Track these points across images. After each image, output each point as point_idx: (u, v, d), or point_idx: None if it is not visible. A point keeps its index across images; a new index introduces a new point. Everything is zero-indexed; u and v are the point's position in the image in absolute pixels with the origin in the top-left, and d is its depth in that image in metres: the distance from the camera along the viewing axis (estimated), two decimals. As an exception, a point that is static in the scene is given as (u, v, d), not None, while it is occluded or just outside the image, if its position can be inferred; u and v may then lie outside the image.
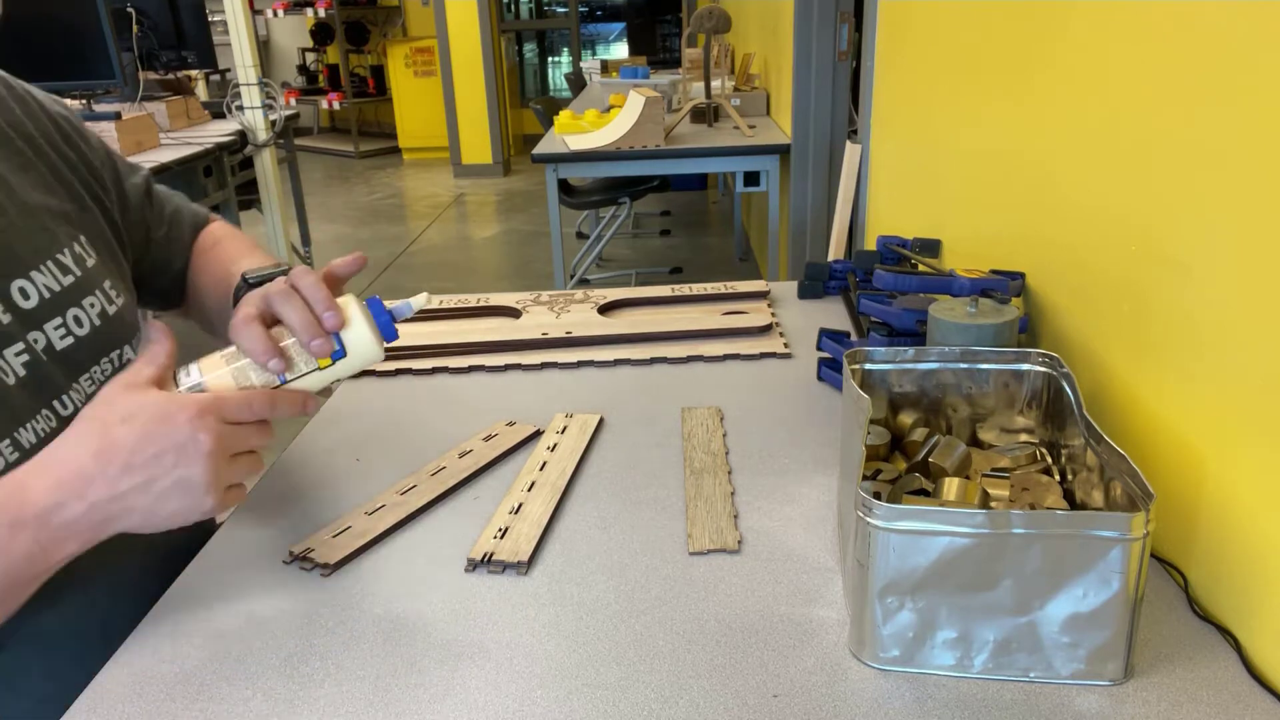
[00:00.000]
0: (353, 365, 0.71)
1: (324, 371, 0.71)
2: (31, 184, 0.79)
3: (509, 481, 0.88)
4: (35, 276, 0.75)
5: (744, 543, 0.77)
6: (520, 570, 0.74)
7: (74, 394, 0.76)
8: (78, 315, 0.78)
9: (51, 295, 0.76)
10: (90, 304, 0.79)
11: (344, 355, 0.70)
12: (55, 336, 0.75)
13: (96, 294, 0.80)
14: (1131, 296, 0.79)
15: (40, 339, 0.74)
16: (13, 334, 0.72)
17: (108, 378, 0.79)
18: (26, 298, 0.74)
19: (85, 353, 0.77)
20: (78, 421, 0.63)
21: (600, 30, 9.51)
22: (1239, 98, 0.63)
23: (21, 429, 0.71)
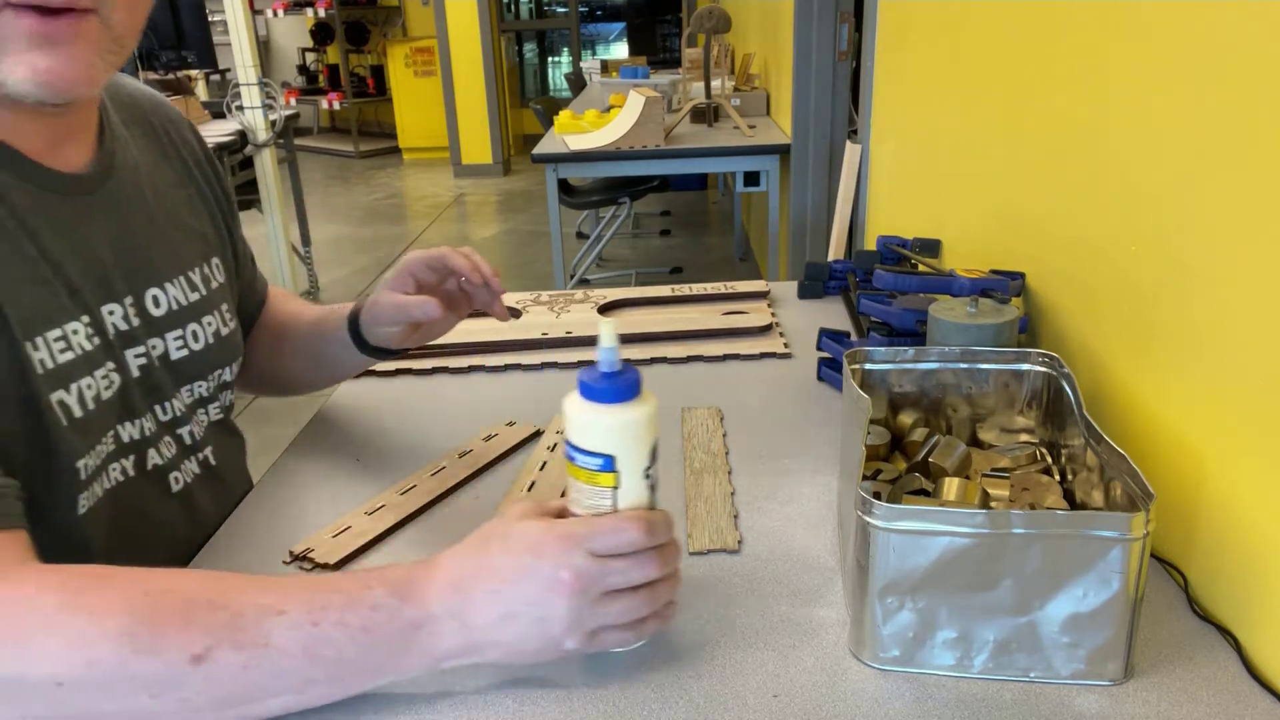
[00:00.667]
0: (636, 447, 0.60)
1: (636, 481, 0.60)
2: (183, 200, 0.85)
3: (509, 481, 0.88)
4: (168, 287, 0.80)
5: (744, 543, 0.77)
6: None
7: (175, 402, 0.80)
8: (196, 331, 0.82)
9: (179, 308, 0.80)
10: (208, 322, 0.84)
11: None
12: (173, 347, 0.80)
13: (214, 314, 0.85)
14: (1131, 296, 0.79)
15: (159, 346, 0.79)
16: (137, 337, 0.76)
17: (209, 394, 0.85)
18: (157, 305, 0.79)
19: (194, 367, 0.82)
20: (473, 535, 0.61)
21: (600, 30, 9.51)
22: (1239, 98, 0.63)
23: (128, 423, 0.74)
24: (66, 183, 0.71)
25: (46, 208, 0.69)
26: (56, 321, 0.68)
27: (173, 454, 0.80)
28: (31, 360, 0.65)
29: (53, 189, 0.70)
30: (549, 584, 0.57)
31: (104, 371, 0.71)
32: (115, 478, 0.74)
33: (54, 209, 0.70)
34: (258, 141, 3.66)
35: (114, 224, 0.75)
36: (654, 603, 0.60)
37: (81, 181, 0.73)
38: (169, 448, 0.79)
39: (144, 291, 0.77)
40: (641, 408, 0.59)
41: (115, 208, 0.76)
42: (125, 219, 0.77)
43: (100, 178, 0.75)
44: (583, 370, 0.59)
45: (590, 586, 0.57)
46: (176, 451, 0.80)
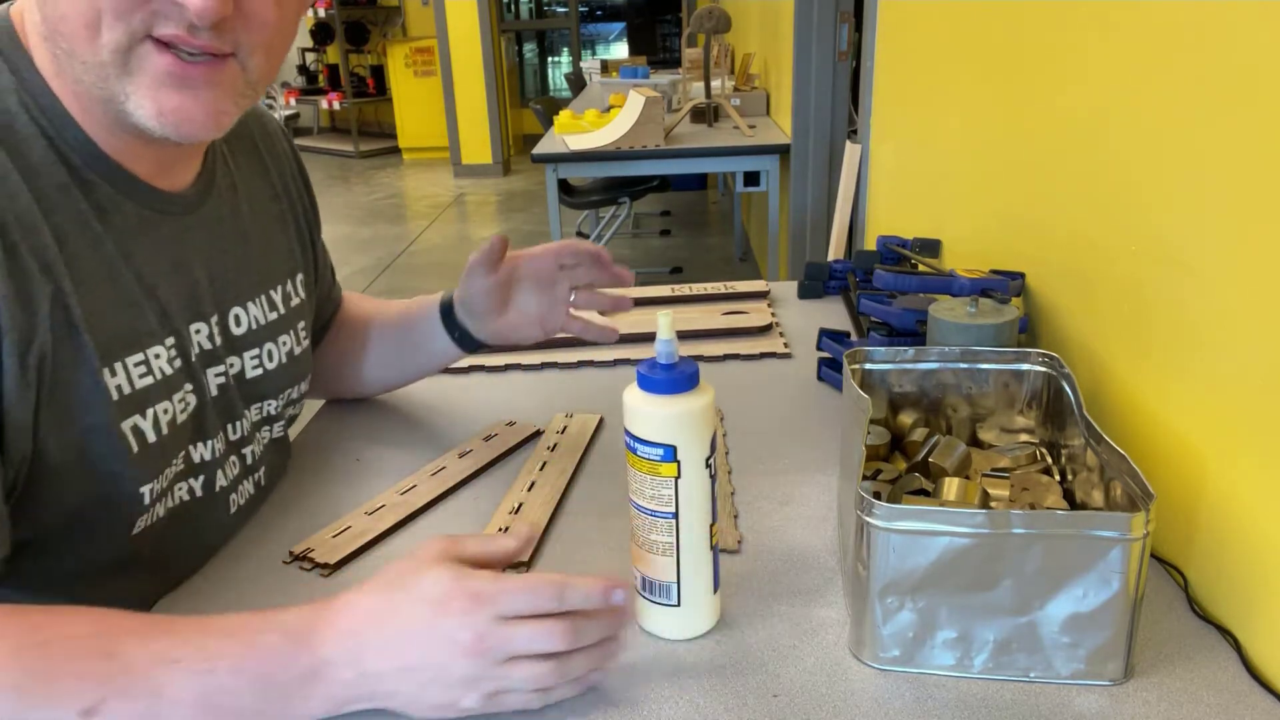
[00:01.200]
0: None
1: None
2: (275, 216, 0.85)
3: (509, 481, 0.88)
4: (250, 306, 0.80)
5: (744, 543, 0.77)
6: (520, 570, 0.74)
7: (243, 422, 0.79)
8: (271, 350, 0.82)
9: (258, 327, 0.80)
10: (284, 341, 0.84)
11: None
12: (249, 365, 0.80)
13: (290, 333, 0.85)
14: (1131, 296, 0.79)
15: (236, 365, 0.78)
16: (219, 356, 0.76)
17: (276, 412, 0.84)
18: (238, 324, 0.78)
19: (267, 386, 0.82)
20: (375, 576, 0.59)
21: (600, 30, 9.52)
22: (1239, 98, 0.63)
23: (200, 444, 0.74)
24: (170, 202, 0.71)
25: (148, 227, 0.69)
26: (140, 345, 0.67)
27: (236, 473, 0.79)
28: (107, 387, 0.64)
29: (156, 208, 0.70)
30: (448, 644, 0.55)
31: (181, 395, 0.70)
32: (181, 497, 0.73)
33: (155, 228, 0.70)
34: (258, 141, 3.66)
35: (209, 243, 0.75)
36: (563, 674, 0.57)
37: (182, 202, 0.73)
38: (234, 467, 0.79)
39: (229, 310, 0.77)
40: (701, 397, 0.60)
41: (212, 227, 0.76)
42: (220, 238, 0.77)
43: (201, 197, 0.75)
44: (641, 363, 0.61)
45: (491, 651, 0.55)
46: (239, 471, 0.80)
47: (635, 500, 0.63)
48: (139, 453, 0.66)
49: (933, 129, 1.45)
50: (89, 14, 0.58)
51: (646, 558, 0.64)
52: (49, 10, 0.60)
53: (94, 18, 0.58)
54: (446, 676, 0.55)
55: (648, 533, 0.63)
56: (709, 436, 0.61)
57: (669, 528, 0.62)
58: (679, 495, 0.61)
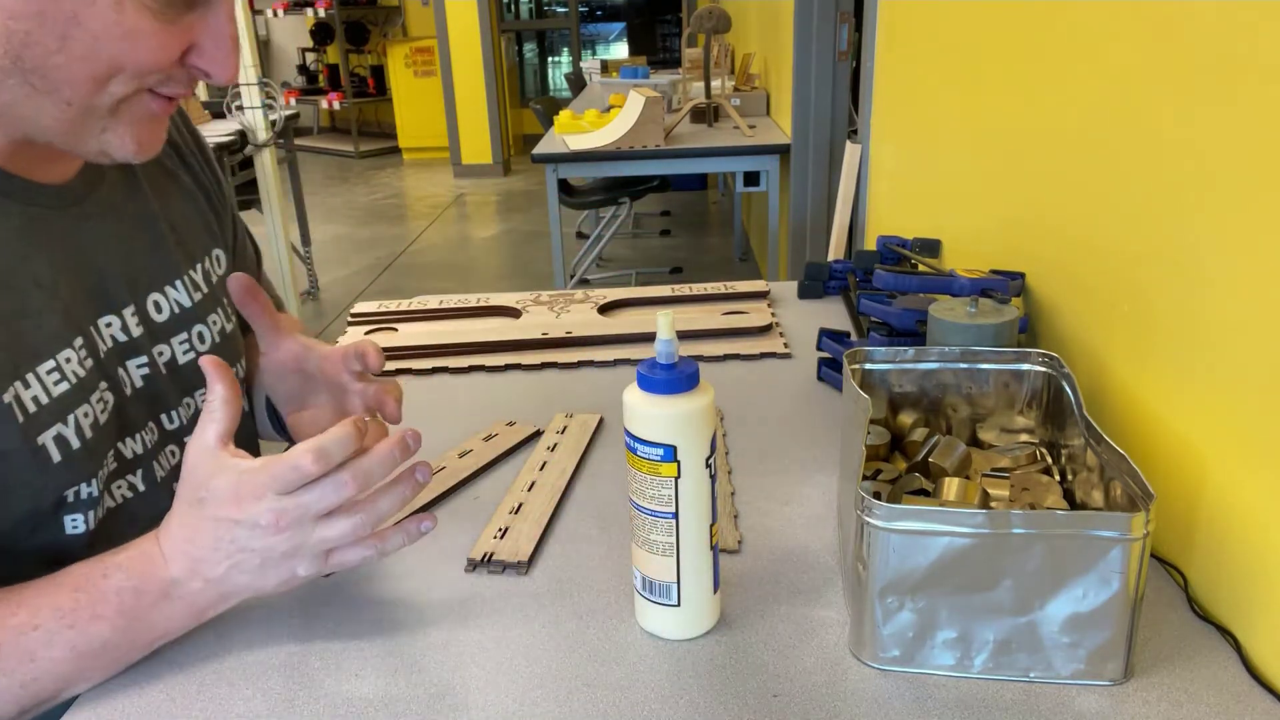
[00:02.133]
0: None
1: None
2: (180, 194, 0.83)
3: (509, 481, 0.88)
4: (169, 291, 0.78)
5: (744, 543, 0.77)
6: (520, 570, 0.74)
7: (181, 410, 0.79)
8: (202, 332, 0.80)
9: (181, 311, 0.79)
10: (213, 320, 0.82)
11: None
12: (180, 351, 0.79)
13: (219, 311, 0.83)
14: (1131, 296, 0.79)
15: (166, 352, 0.77)
16: (140, 346, 0.75)
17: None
18: (159, 311, 0.77)
19: (200, 370, 0.78)
20: (177, 497, 0.64)
21: (600, 30, 9.51)
22: (1238, 98, 0.63)
23: (129, 439, 0.74)
24: (57, 197, 0.69)
25: (38, 226, 0.67)
26: (49, 352, 0.66)
27: (177, 460, 0.78)
28: (18, 404, 0.63)
29: (42, 204, 0.68)
30: (257, 530, 0.60)
31: (99, 394, 0.69)
32: (123, 494, 0.73)
33: (46, 226, 0.68)
34: (258, 141, 3.66)
35: (110, 230, 0.73)
36: (373, 515, 0.62)
37: (71, 192, 0.71)
38: (173, 456, 0.78)
39: (145, 298, 0.76)
40: (700, 398, 0.60)
41: (110, 213, 0.74)
42: (122, 226, 0.75)
43: (89, 187, 0.73)
44: (642, 363, 0.61)
45: (294, 521, 0.60)
46: (179, 459, 0.76)
47: (635, 500, 0.63)
48: (62, 461, 0.65)
49: (933, 129, 1.45)
50: (104, 71, 0.59)
51: (646, 558, 0.64)
52: (36, 58, 0.58)
53: (108, 74, 0.59)
54: (270, 558, 0.61)
55: (648, 533, 0.63)
56: (709, 436, 0.61)
57: (669, 528, 0.62)
58: (679, 495, 0.61)
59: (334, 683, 0.62)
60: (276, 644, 0.66)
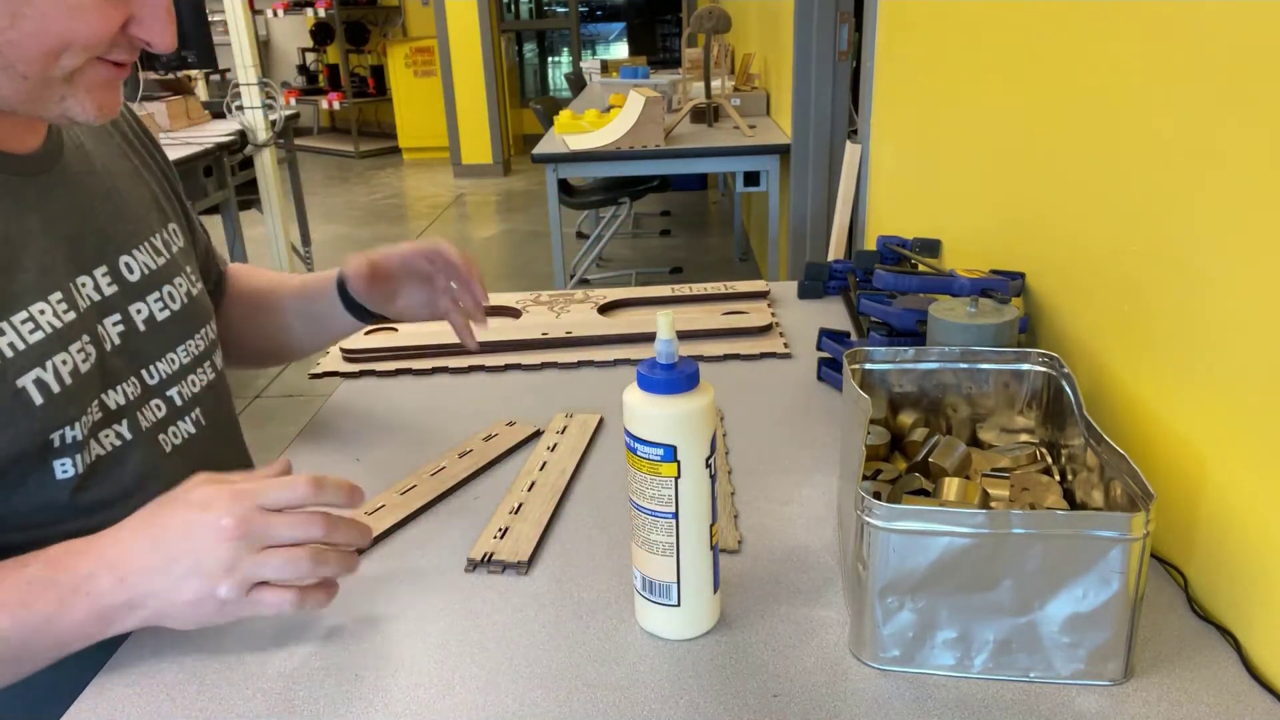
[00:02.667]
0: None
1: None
2: (130, 171, 0.88)
3: (509, 481, 0.88)
4: (136, 254, 0.83)
5: (744, 543, 0.77)
6: (520, 570, 0.74)
7: (162, 365, 0.83)
8: (171, 292, 0.85)
9: (150, 272, 0.83)
10: (179, 283, 0.87)
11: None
12: (155, 309, 0.83)
13: (182, 276, 0.88)
14: (1131, 296, 0.79)
15: (144, 309, 0.82)
16: (116, 304, 0.79)
17: (198, 354, 0.88)
18: (131, 272, 0.81)
19: (177, 328, 0.85)
20: (148, 505, 0.65)
21: (600, 30, 9.51)
22: (1239, 97, 0.63)
23: (111, 390, 0.77)
24: (23, 164, 0.74)
25: (7, 191, 0.72)
26: (23, 304, 0.70)
27: (163, 415, 0.82)
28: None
29: (11, 171, 0.73)
30: (210, 532, 0.60)
31: (79, 345, 0.73)
32: (111, 443, 0.76)
33: (16, 191, 0.73)
34: (258, 141, 3.66)
35: (75, 198, 0.78)
36: (316, 565, 0.62)
37: (36, 161, 0.76)
38: (158, 410, 0.82)
39: (117, 259, 0.80)
40: (700, 398, 0.60)
41: (72, 182, 0.79)
42: (84, 193, 0.80)
43: (53, 157, 0.78)
44: (642, 363, 0.61)
45: (251, 534, 0.61)
46: (167, 413, 0.83)
47: (635, 500, 0.63)
48: (45, 403, 0.70)
49: (933, 129, 1.45)
50: (55, 45, 0.64)
51: (646, 558, 0.64)
52: None
53: (59, 48, 0.64)
54: (204, 563, 0.60)
55: (648, 533, 0.63)
56: (709, 436, 0.61)
57: (669, 528, 0.62)
58: (679, 495, 0.61)
59: (334, 683, 0.62)
60: (276, 644, 0.66)
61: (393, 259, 0.94)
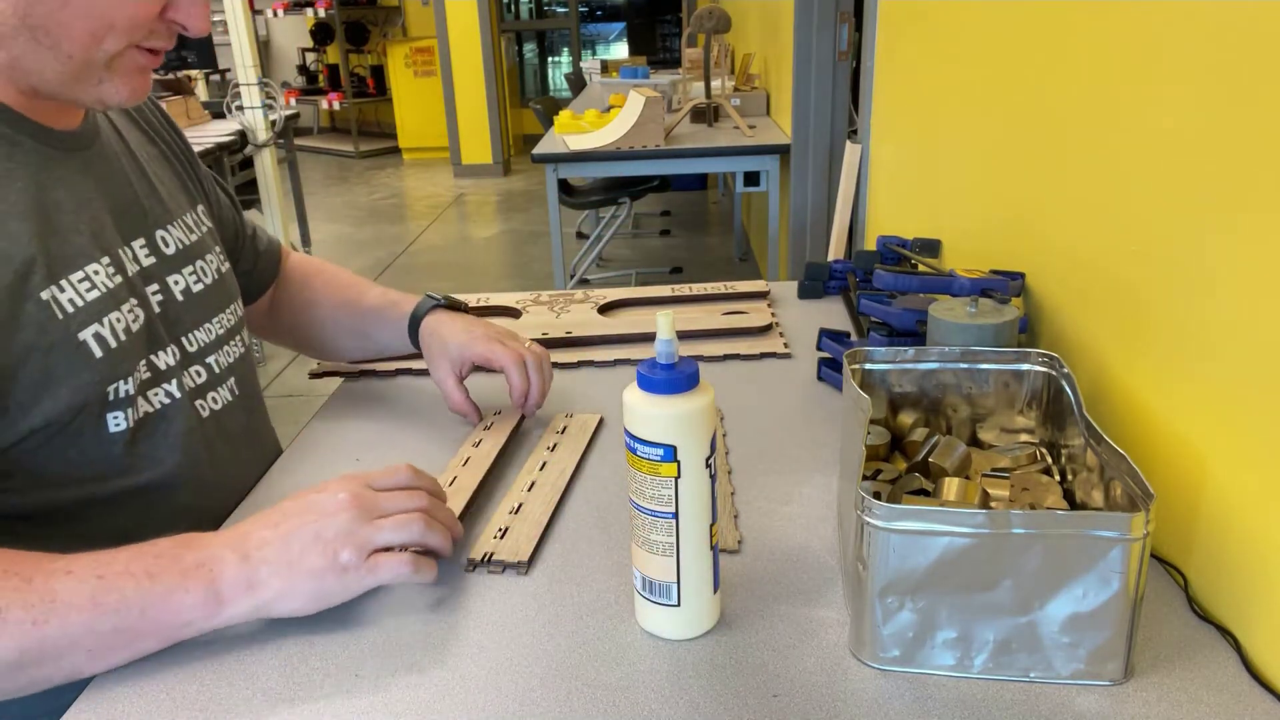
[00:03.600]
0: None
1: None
2: (157, 156, 0.93)
3: (509, 481, 0.88)
4: (170, 229, 0.88)
5: (744, 543, 0.77)
6: (521, 570, 0.74)
7: (199, 334, 0.88)
8: (203, 267, 0.90)
9: (184, 247, 0.88)
10: (210, 260, 0.92)
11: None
12: (190, 281, 0.88)
13: (213, 254, 0.93)
14: (1131, 296, 0.79)
15: (180, 281, 0.87)
16: (154, 274, 0.84)
17: (231, 327, 0.93)
18: (167, 245, 0.86)
19: (211, 300, 0.90)
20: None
21: (600, 30, 9.51)
22: (1239, 97, 0.63)
23: (159, 352, 0.82)
24: (64, 141, 0.78)
25: (52, 163, 0.77)
26: (78, 264, 0.75)
27: (201, 381, 0.87)
28: (56, 304, 0.72)
29: (56, 146, 0.77)
30: (329, 503, 0.66)
31: (129, 306, 0.79)
32: (159, 401, 0.81)
33: (59, 164, 0.77)
34: (258, 141, 3.66)
35: (111, 176, 0.83)
36: (427, 531, 0.68)
37: (78, 139, 0.80)
38: (197, 376, 0.87)
39: (154, 232, 0.85)
40: (700, 398, 0.60)
41: (108, 162, 0.84)
42: (119, 172, 0.84)
43: (91, 137, 0.82)
44: (642, 363, 0.61)
45: (365, 505, 0.67)
46: (205, 379, 0.88)
47: (635, 500, 0.63)
48: (103, 356, 0.75)
49: (933, 129, 1.45)
50: (99, 27, 0.69)
51: (646, 558, 0.64)
52: (41, 16, 0.68)
53: (103, 30, 0.69)
54: (325, 532, 0.65)
55: (648, 532, 0.63)
56: (709, 437, 0.61)
57: (669, 528, 0.62)
58: (679, 495, 0.61)
59: (333, 683, 0.62)
60: (276, 644, 0.66)
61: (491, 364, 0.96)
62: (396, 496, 0.70)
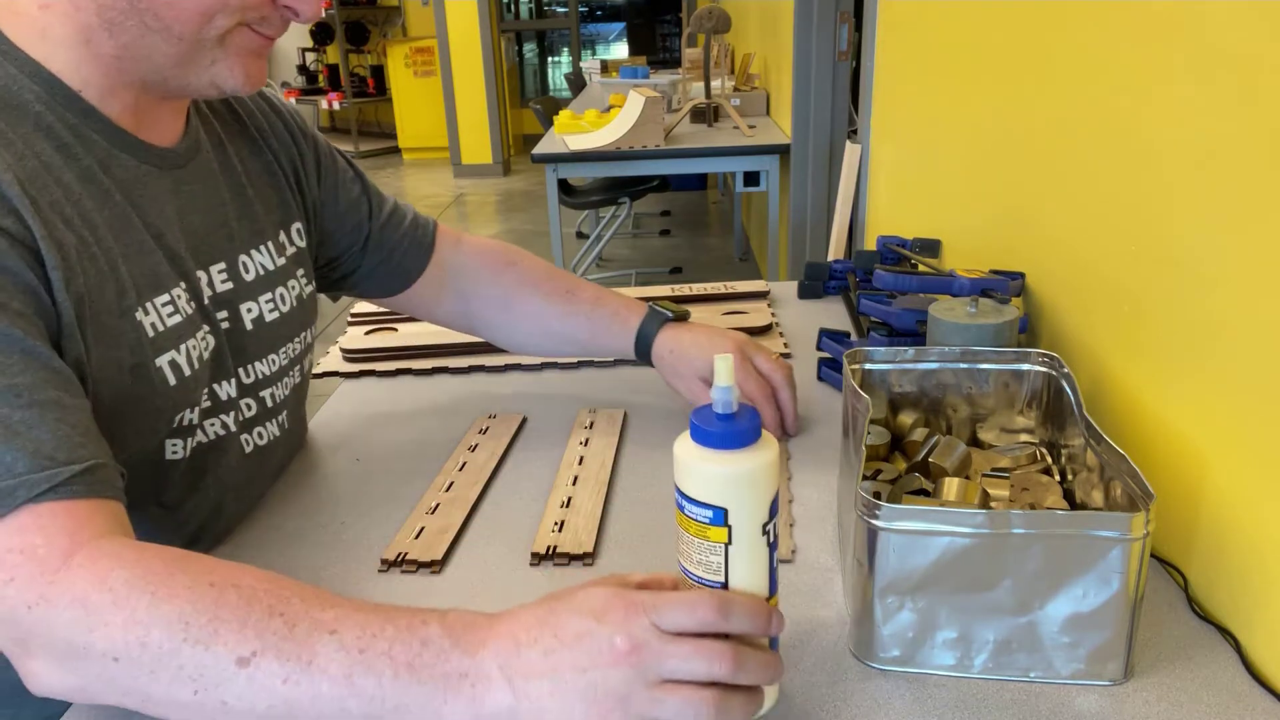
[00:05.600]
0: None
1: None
2: (261, 168, 0.88)
3: (546, 477, 0.88)
4: (254, 254, 0.83)
5: (744, 543, 0.77)
6: (587, 562, 0.75)
7: (261, 364, 0.83)
8: (283, 294, 0.86)
9: (266, 273, 0.84)
10: (292, 285, 0.87)
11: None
12: (266, 310, 0.84)
13: (295, 279, 0.88)
14: (1131, 296, 0.79)
15: (254, 309, 0.82)
16: (228, 301, 0.80)
17: (295, 357, 0.89)
18: (248, 271, 0.82)
19: (282, 329, 0.85)
20: (543, 597, 0.56)
21: (600, 30, 9.51)
22: (1238, 97, 0.63)
23: (224, 382, 0.79)
24: (163, 157, 0.76)
25: (148, 180, 0.74)
26: (163, 287, 0.72)
27: (252, 414, 0.83)
28: (142, 325, 0.70)
29: (152, 163, 0.74)
30: (603, 650, 0.51)
31: (202, 334, 0.76)
32: (215, 432, 0.79)
33: (154, 181, 0.74)
34: (258, 141, 3.66)
35: (204, 195, 0.79)
36: (721, 711, 0.51)
37: (175, 155, 0.77)
38: (249, 409, 0.83)
39: (237, 257, 0.81)
40: (760, 455, 0.53)
41: (205, 180, 0.80)
42: (214, 191, 0.81)
43: (191, 152, 0.79)
44: (695, 410, 0.54)
45: (646, 661, 0.51)
46: (257, 412, 0.84)
47: (682, 563, 0.56)
48: (176, 384, 0.72)
49: (933, 129, 1.45)
50: (210, 6, 0.67)
51: None
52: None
53: (212, 8, 0.67)
54: (595, 688, 0.51)
55: None
56: (769, 499, 0.53)
57: None
58: (729, 564, 0.54)
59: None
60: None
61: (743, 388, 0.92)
62: (687, 654, 0.51)
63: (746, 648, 0.53)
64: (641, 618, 0.52)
